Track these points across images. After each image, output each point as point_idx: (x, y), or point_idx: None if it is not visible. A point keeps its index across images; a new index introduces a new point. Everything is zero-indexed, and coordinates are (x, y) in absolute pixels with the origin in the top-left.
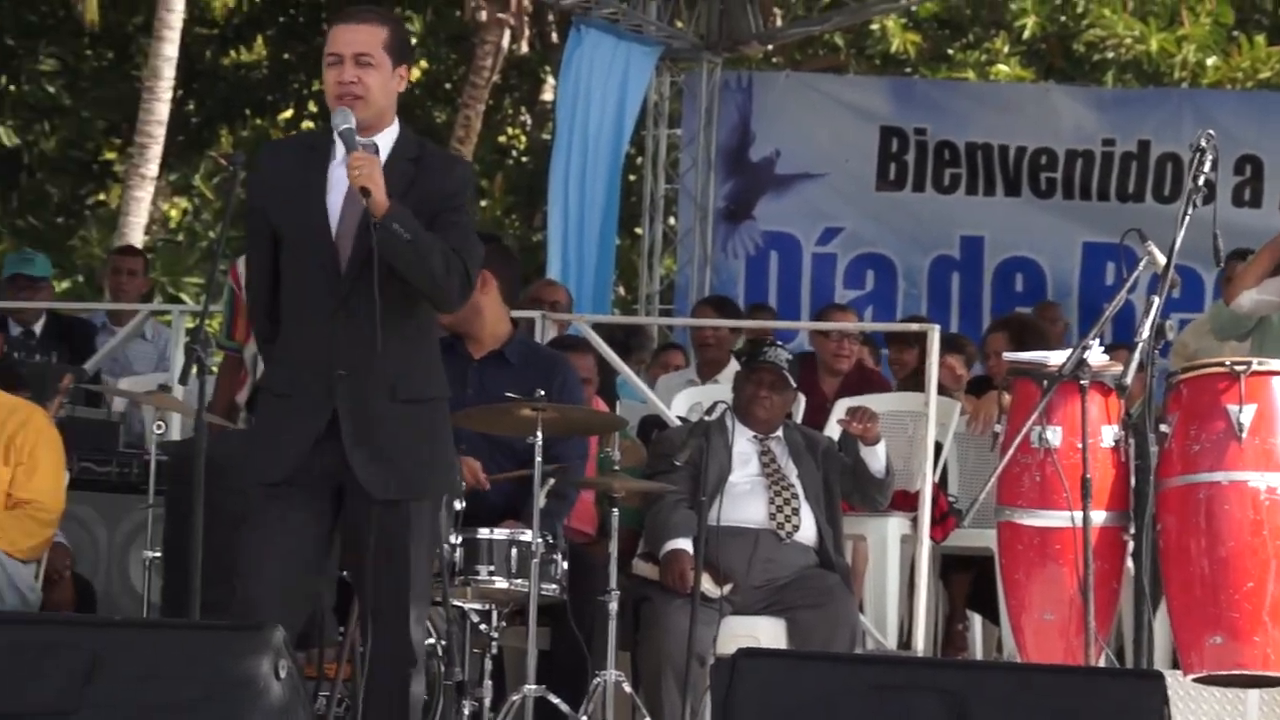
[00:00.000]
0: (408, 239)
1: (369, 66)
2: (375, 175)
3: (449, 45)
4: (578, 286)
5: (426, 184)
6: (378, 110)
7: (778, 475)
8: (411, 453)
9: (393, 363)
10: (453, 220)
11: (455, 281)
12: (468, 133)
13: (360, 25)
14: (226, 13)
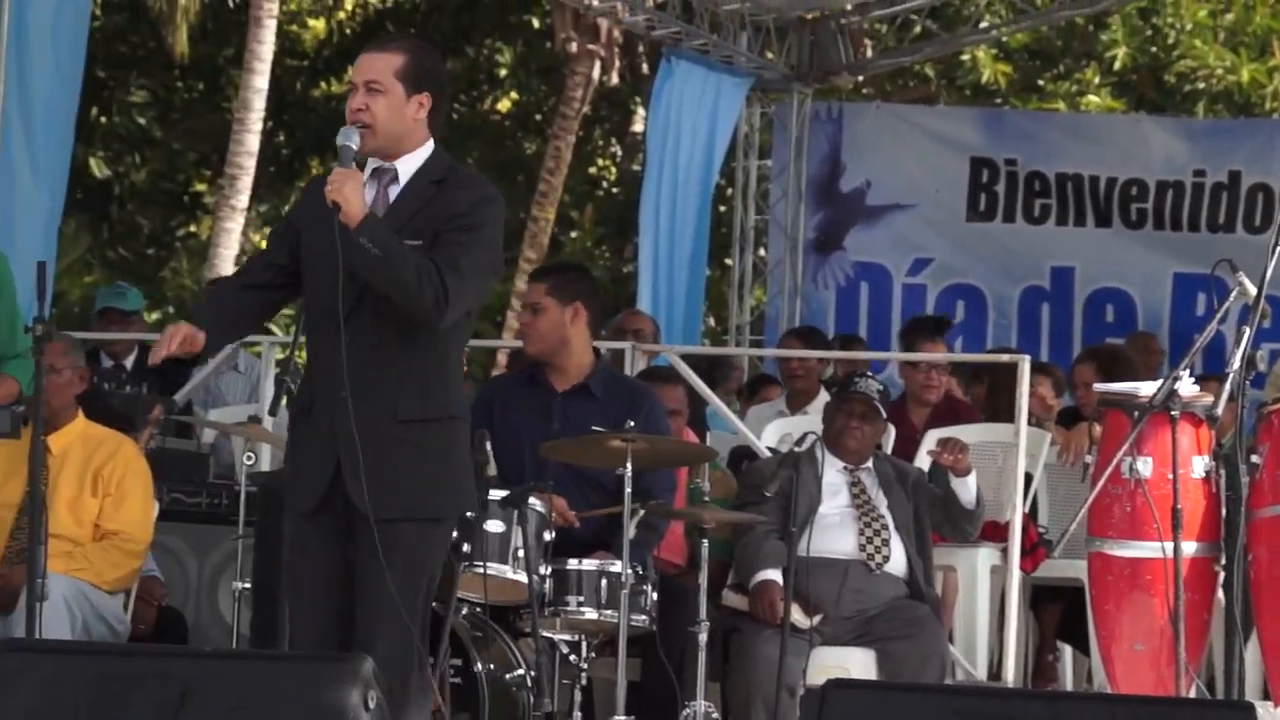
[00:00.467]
0: (377, 254)
1: (377, 93)
2: (347, 190)
3: (539, 77)
4: (668, 317)
5: (439, 205)
6: (390, 136)
7: (868, 506)
8: (409, 473)
9: (395, 383)
10: (451, 238)
11: (429, 295)
12: (558, 164)
13: (376, 54)
14: (316, 44)
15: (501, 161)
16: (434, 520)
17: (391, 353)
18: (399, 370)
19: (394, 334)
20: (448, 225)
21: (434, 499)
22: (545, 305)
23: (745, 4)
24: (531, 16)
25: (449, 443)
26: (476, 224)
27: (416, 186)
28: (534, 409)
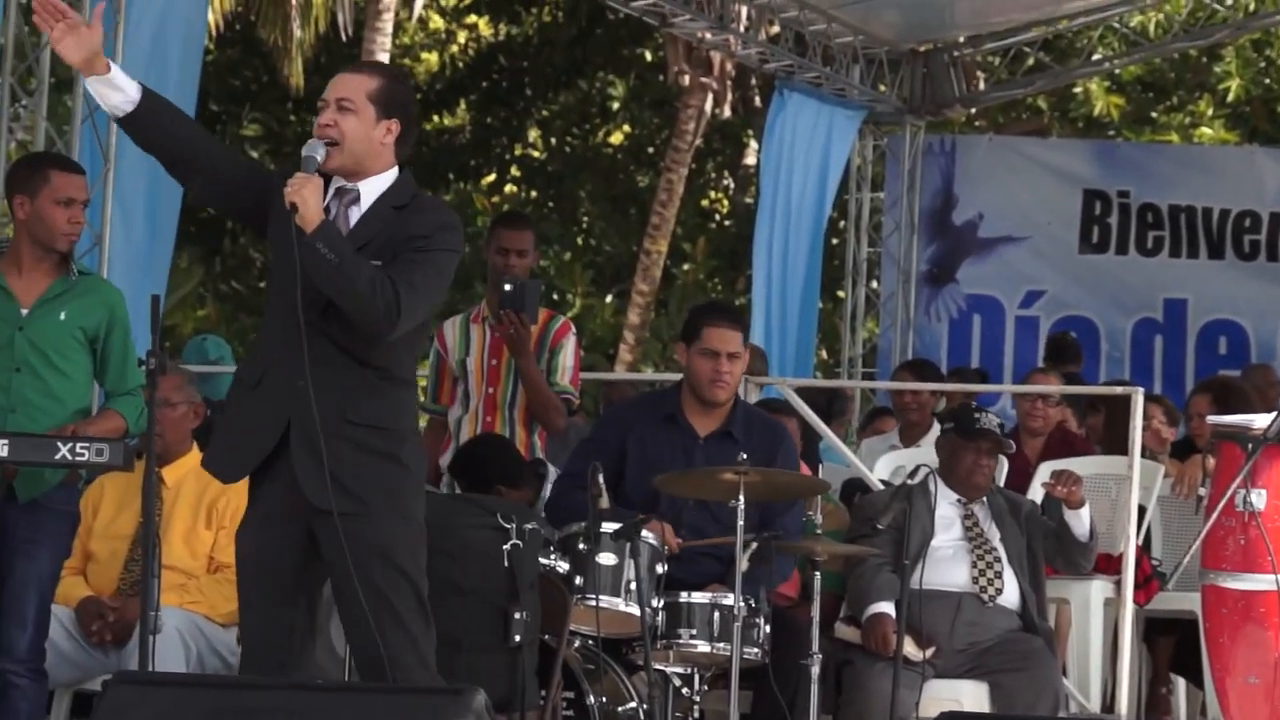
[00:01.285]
0: (332, 259)
1: (348, 112)
2: (305, 194)
3: (652, 110)
4: (780, 350)
5: (400, 228)
6: (355, 156)
7: (981, 539)
8: (354, 469)
9: (346, 387)
10: (408, 256)
11: (380, 305)
12: (670, 196)
13: (351, 74)
14: (429, 78)
15: (614, 194)
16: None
17: (345, 358)
18: (351, 375)
19: (349, 338)
20: (406, 245)
21: (391, 499)
22: (741, 354)
23: (858, 36)
24: (644, 50)
25: (403, 452)
26: (434, 246)
27: (379, 210)
28: (675, 452)
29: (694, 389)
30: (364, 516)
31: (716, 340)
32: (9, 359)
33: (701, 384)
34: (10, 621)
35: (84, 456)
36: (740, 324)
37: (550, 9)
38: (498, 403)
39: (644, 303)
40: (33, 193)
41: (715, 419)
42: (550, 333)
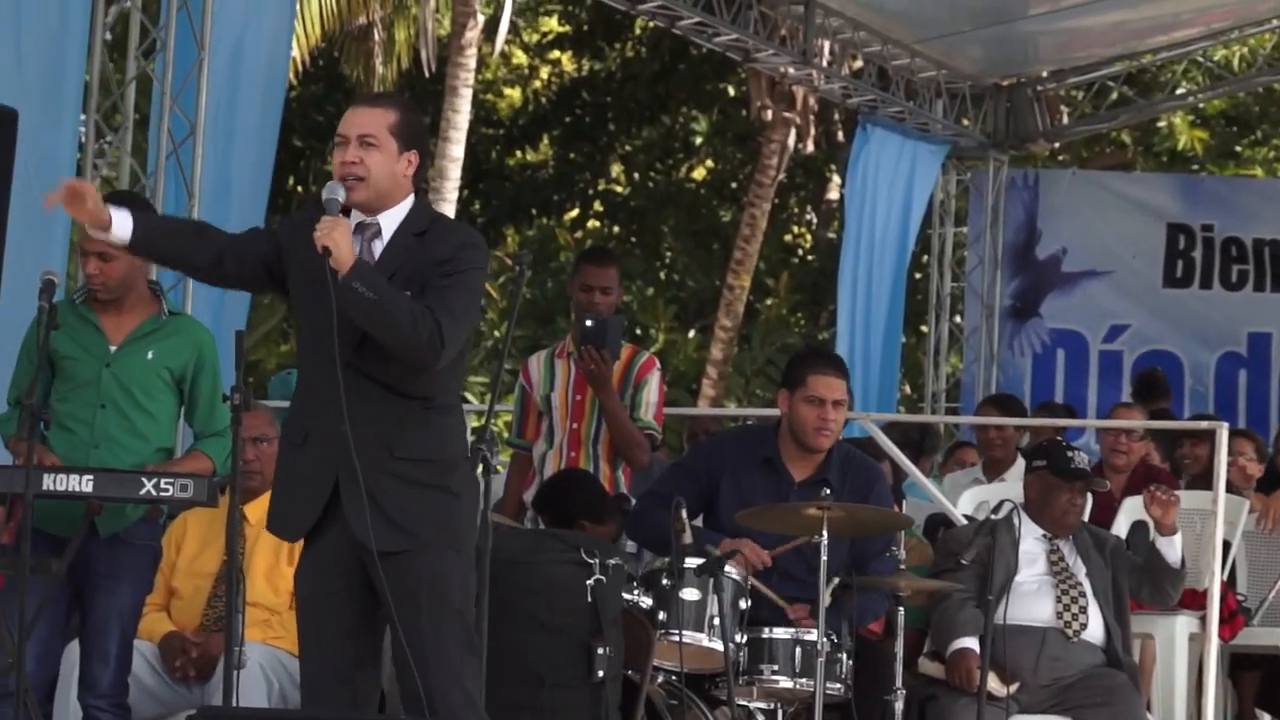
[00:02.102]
0: (371, 297)
1: (371, 147)
2: (336, 235)
3: (735, 144)
4: (864, 384)
5: (425, 254)
6: (379, 191)
7: (1065, 574)
8: (404, 504)
9: (391, 421)
10: (439, 284)
11: (423, 337)
12: (753, 231)
13: (368, 108)
14: (512, 113)
15: (696, 229)
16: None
17: (385, 394)
18: (393, 409)
19: (390, 374)
20: (435, 271)
21: (441, 531)
22: (846, 402)
23: (941, 71)
24: (727, 84)
25: (447, 482)
26: (462, 267)
27: (401, 240)
28: (770, 497)
29: (795, 435)
30: (415, 552)
31: (823, 388)
32: (95, 395)
33: (806, 431)
34: (93, 657)
35: (168, 492)
36: (844, 371)
37: (633, 44)
38: (582, 438)
39: (727, 338)
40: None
41: (811, 464)
42: (634, 368)
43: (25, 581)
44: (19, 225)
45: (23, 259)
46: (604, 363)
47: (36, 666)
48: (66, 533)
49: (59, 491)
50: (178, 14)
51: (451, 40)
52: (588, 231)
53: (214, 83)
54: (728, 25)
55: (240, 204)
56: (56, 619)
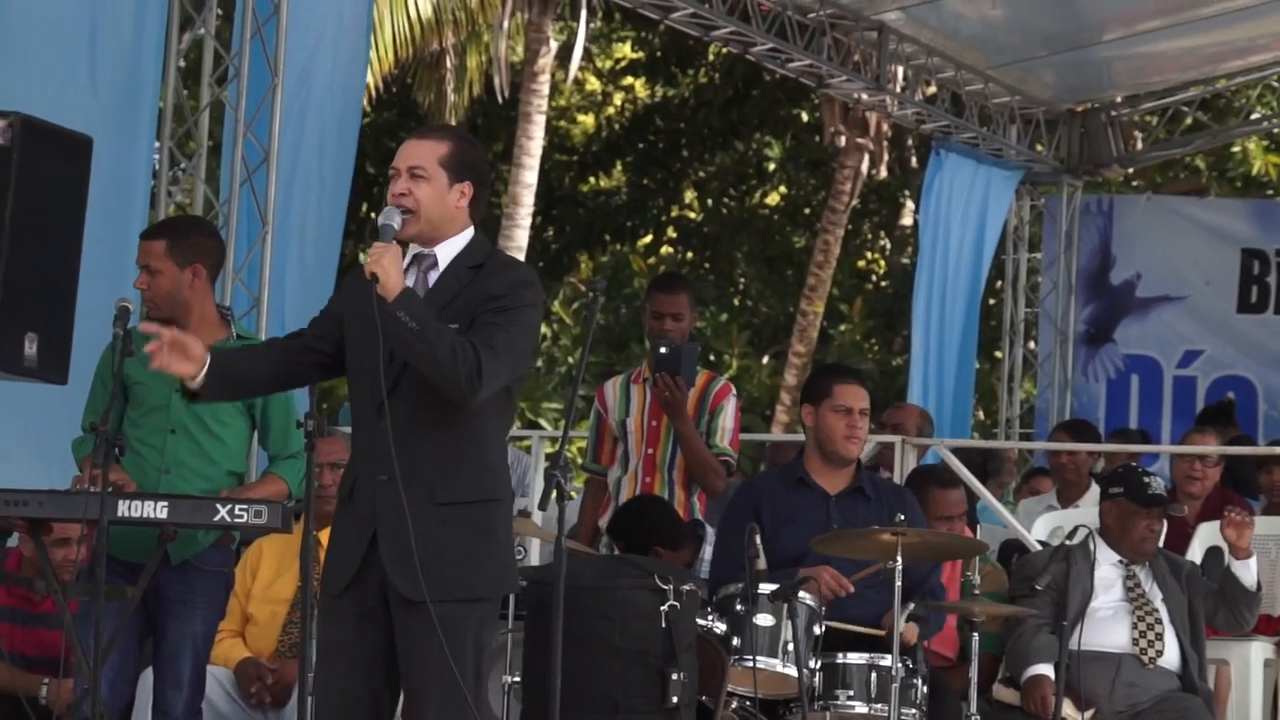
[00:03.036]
0: (413, 327)
1: (420, 179)
2: (385, 263)
3: (808, 170)
4: (937, 410)
5: (477, 288)
6: (431, 222)
7: (1142, 600)
8: (447, 554)
9: (433, 465)
10: (487, 319)
11: (462, 371)
12: (826, 257)
13: (420, 140)
14: (585, 140)
15: (770, 255)
16: (472, 600)
17: (429, 435)
18: (436, 452)
19: (431, 416)
20: (484, 307)
21: (473, 579)
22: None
23: (1015, 96)
24: (800, 110)
25: (489, 524)
26: (512, 305)
27: (454, 271)
28: (810, 512)
29: (822, 446)
30: (441, 604)
31: (850, 397)
32: (165, 420)
33: (835, 440)
34: (166, 682)
35: (243, 518)
36: (867, 385)
37: (706, 70)
38: (657, 464)
39: (800, 363)
40: None
41: (844, 478)
42: (710, 394)
43: (100, 607)
44: (93, 252)
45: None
46: (679, 389)
47: (111, 692)
48: (140, 559)
49: (133, 518)
50: (251, 41)
51: (525, 67)
52: (661, 258)
53: (288, 109)
54: (801, 51)
55: (314, 231)
56: (131, 645)
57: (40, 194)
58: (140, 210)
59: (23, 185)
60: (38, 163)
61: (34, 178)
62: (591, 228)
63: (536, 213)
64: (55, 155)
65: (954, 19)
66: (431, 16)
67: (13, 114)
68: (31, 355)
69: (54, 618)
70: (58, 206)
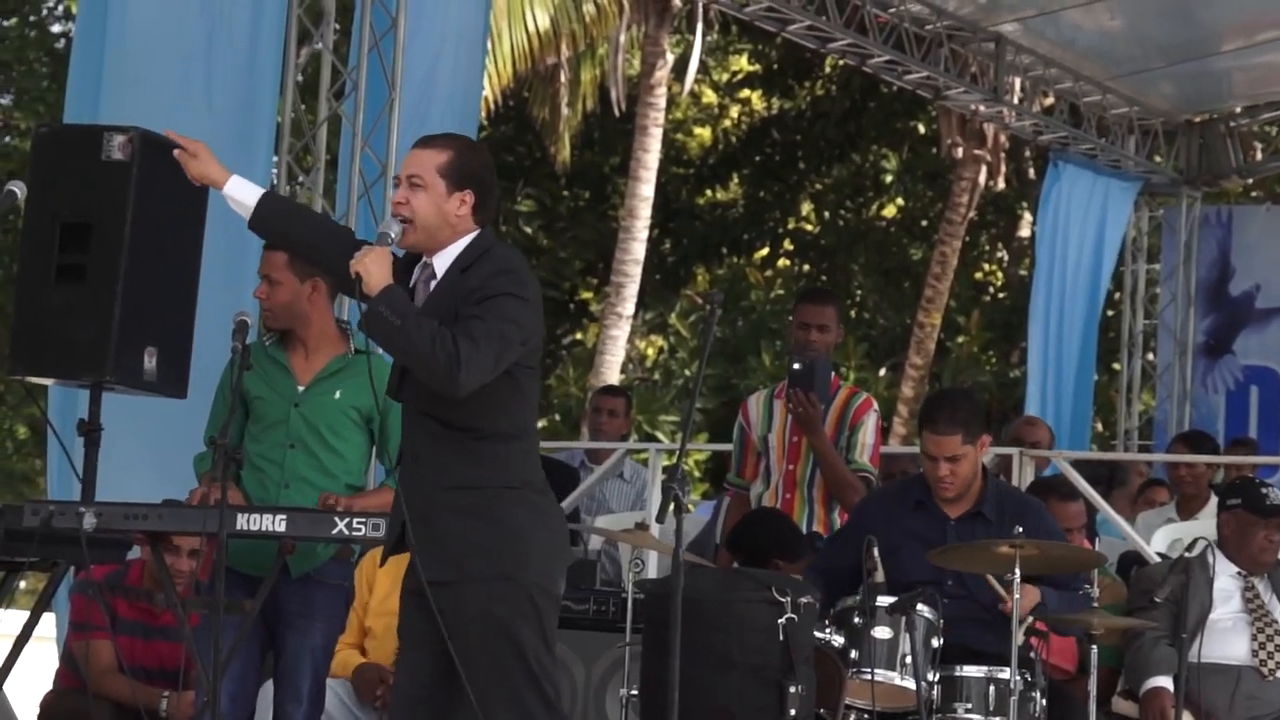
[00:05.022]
0: (394, 323)
1: (418, 188)
2: (367, 261)
3: (925, 182)
4: (1055, 422)
5: (460, 285)
6: (428, 231)
7: (1261, 612)
8: (460, 537)
9: (442, 451)
10: (467, 311)
11: (441, 360)
12: (943, 269)
13: (421, 149)
14: (701, 152)
15: (887, 268)
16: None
17: (435, 422)
18: (444, 439)
19: (435, 404)
20: (464, 301)
21: (489, 560)
22: (963, 453)
23: (1133, 108)
24: (917, 122)
25: (500, 509)
26: (491, 293)
27: (449, 277)
28: (927, 536)
29: None
30: (463, 583)
31: (932, 446)
32: (284, 435)
33: (929, 483)
34: (286, 695)
35: (360, 531)
36: (960, 424)
37: (823, 82)
38: (797, 480)
39: (918, 376)
40: None
41: (965, 501)
42: (851, 409)
43: (219, 621)
44: (212, 266)
45: (217, 301)
46: (812, 405)
47: (231, 706)
48: (260, 572)
49: (252, 531)
50: (369, 55)
51: (641, 80)
52: (777, 270)
53: (405, 123)
54: (918, 63)
55: None
56: (251, 658)
57: (159, 208)
58: None
59: (142, 200)
60: (157, 177)
61: (153, 192)
62: (708, 240)
63: (653, 226)
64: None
65: (1071, 30)
66: (549, 29)
67: (132, 129)
68: (151, 369)
69: (174, 631)
70: (177, 221)
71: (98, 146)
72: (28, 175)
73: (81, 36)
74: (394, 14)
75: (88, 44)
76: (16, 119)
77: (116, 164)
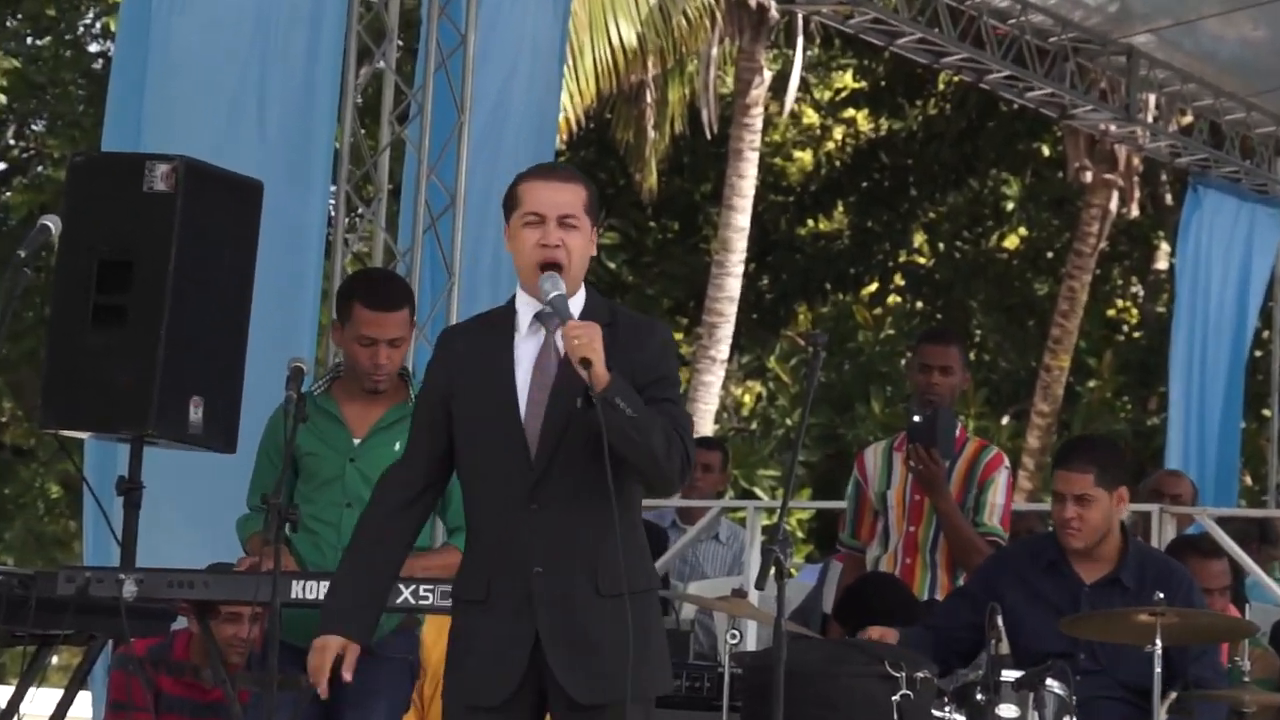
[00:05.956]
0: (631, 415)
1: (573, 230)
2: (596, 344)
3: (1051, 210)
4: (1199, 475)
5: (624, 353)
6: (575, 280)
7: None
8: (618, 652)
9: (594, 553)
10: (661, 397)
11: (676, 463)
12: (1072, 306)
13: (565, 184)
14: (803, 178)
15: (1009, 304)
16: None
17: (586, 519)
18: (596, 539)
19: (588, 498)
20: (650, 380)
21: (643, 678)
22: (1094, 496)
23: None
24: (1041, 144)
25: (651, 615)
26: (674, 376)
27: None
28: (1059, 602)
29: None
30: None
31: (1061, 482)
32: (340, 494)
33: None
34: None
35: (428, 600)
36: (1094, 463)
37: (936, 101)
38: (918, 543)
39: (1044, 425)
40: (343, 321)
41: (1103, 564)
42: (980, 465)
43: (273, 698)
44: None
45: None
46: (934, 463)
47: None
48: None
49: (308, 600)
50: (435, 75)
51: (735, 99)
52: (887, 308)
53: (476, 148)
54: (1041, 79)
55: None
56: None
57: (206, 244)
58: (315, 260)
59: (187, 234)
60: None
61: (199, 226)
62: (810, 275)
63: (749, 259)
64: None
65: (1211, 41)
66: (635, 44)
67: (177, 158)
68: (197, 421)
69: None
70: (225, 257)
71: (139, 176)
72: (62, 208)
73: (121, 57)
74: (463, 30)
75: (128, 65)
76: (50, 146)
77: (159, 195)
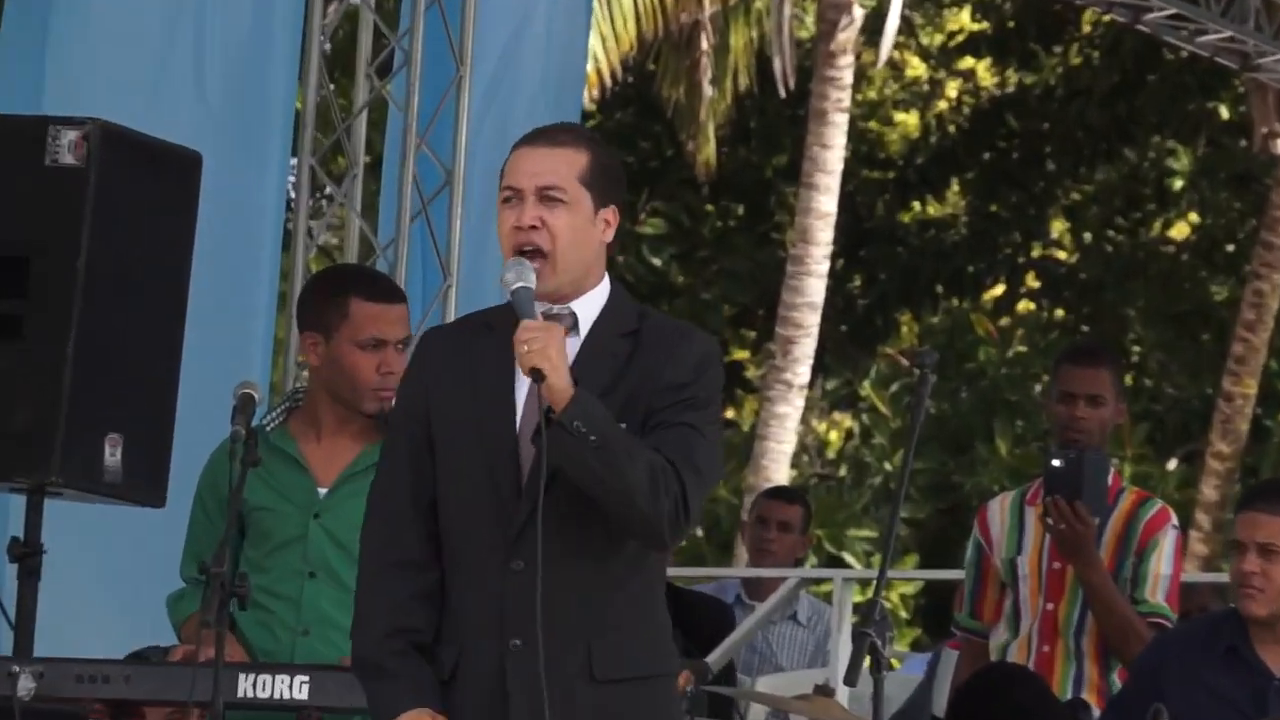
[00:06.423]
0: (594, 442)
1: (558, 205)
2: (551, 351)
3: (1231, 189)
4: None
5: (644, 368)
6: (571, 271)
7: None
8: None
9: (590, 627)
10: (676, 420)
11: (664, 507)
12: (1259, 314)
13: (551, 149)
14: (907, 149)
15: (1177, 312)
16: None
17: (580, 585)
18: (593, 610)
19: (585, 558)
20: (666, 399)
21: None
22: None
23: None
24: (1218, 104)
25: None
26: (706, 398)
27: (603, 341)
28: (1240, 701)
29: None
30: None
31: (1244, 528)
32: (301, 560)
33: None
34: None
35: None
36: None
37: (1081, 47)
38: (1059, 624)
39: (1224, 469)
40: (327, 329)
41: None
42: (1139, 523)
43: None
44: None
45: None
46: (1081, 521)
47: None
48: None
49: (260, 700)
50: (427, 13)
51: (817, 46)
52: (1018, 317)
53: (478, 111)
54: (1217, 19)
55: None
56: None
57: (128, 232)
58: (269, 256)
59: (103, 220)
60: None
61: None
62: (916, 275)
63: (837, 254)
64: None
65: None
66: None
67: (88, 121)
68: (114, 465)
69: None
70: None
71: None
72: None
73: None
74: None
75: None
76: None
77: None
